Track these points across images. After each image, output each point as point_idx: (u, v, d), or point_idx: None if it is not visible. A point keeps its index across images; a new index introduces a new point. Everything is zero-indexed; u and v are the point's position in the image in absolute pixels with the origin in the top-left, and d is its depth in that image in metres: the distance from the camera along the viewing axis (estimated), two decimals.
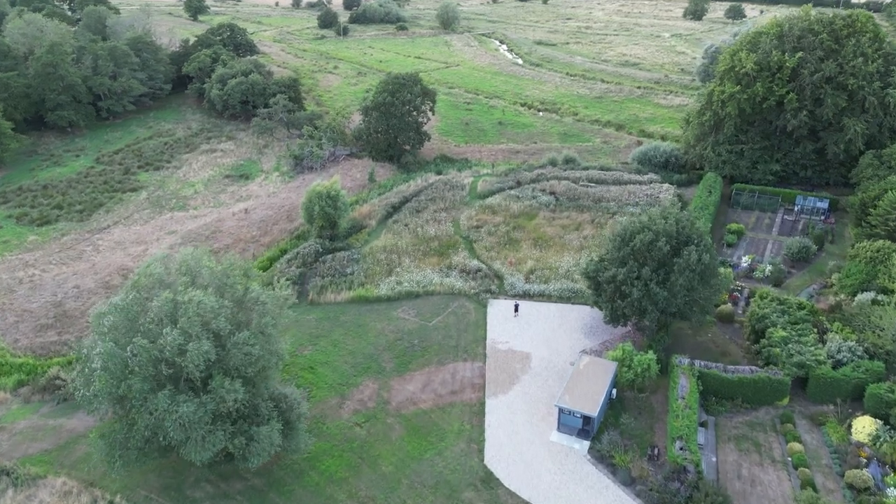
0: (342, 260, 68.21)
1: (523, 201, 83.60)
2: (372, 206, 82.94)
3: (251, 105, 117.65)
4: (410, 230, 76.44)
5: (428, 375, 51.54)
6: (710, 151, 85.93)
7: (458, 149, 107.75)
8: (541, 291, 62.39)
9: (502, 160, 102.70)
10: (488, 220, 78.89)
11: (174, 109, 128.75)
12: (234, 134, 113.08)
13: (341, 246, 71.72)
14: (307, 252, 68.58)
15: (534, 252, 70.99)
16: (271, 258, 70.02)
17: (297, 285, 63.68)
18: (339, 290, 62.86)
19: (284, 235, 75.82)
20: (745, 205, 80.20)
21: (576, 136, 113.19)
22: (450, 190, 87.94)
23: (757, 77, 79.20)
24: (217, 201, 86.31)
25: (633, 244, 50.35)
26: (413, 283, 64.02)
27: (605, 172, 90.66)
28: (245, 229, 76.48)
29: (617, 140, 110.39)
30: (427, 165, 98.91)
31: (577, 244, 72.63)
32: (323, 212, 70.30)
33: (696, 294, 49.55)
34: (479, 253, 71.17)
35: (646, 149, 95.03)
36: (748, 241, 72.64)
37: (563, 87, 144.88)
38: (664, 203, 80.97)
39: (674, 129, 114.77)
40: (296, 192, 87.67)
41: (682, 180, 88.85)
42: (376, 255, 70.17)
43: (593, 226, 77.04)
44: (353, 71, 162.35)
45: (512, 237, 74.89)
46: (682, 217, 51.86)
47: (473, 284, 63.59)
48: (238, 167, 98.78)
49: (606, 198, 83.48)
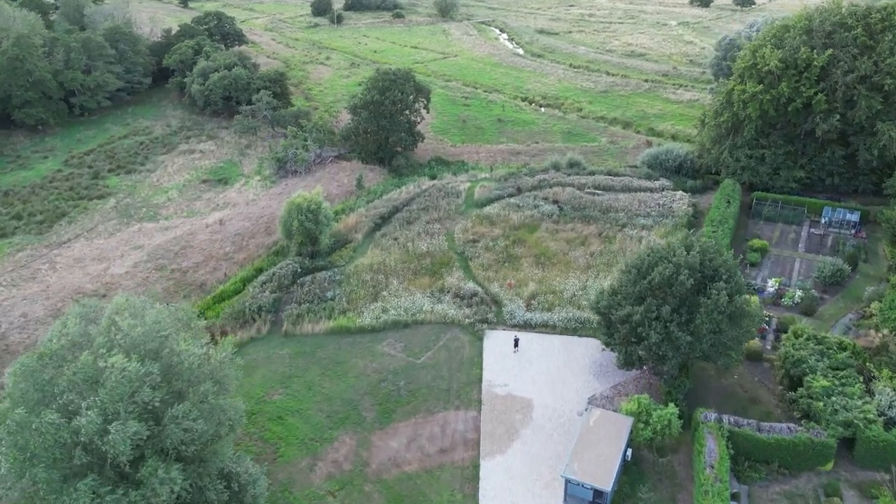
0: (322, 282, 61.34)
1: (524, 211, 76.62)
2: (359, 216, 75.94)
3: (234, 101, 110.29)
4: (400, 245, 69.53)
5: (414, 428, 44.86)
6: (728, 156, 78.84)
7: (455, 149, 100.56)
8: (543, 321, 55.60)
9: (501, 162, 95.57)
10: (486, 233, 71.95)
11: (154, 105, 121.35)
12: (216, 132, 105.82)
13: (322, 265, 64.84)
14: (284, 273, 61.70)
15: (535, 272, 64.14)
16: (245, 279, 63.16)
17: (271, 314, 56.87)
18: (317, 320, 56.04)
19: (261, 251, 68.95)
20: (768, 216, 73.18)
21: (580, 135, 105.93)
22: (444, 197, 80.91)
23: (782, 76, 71.90)
24: (191, 210, 79.31)
25: (651, 278, 43.48)
26: (401, 310, 57.23)
27: (613, 178, 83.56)
28: (218, 244, 69.59)
29: (624, 139, 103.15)
30: (420, 169, 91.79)
31: (584, 262, 65.74)
32: (302, 227, 63.38)
33: (723, 336, 42.80)
34: (476, 272, 64.31)
35: (656, 151, 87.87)
36: (772, 259, 65.72)
37: (567, 80, 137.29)
38: (678, 214, 74.05)
39: (685, 126, 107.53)
40: (277, 200, 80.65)
41: (696, 187, 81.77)
42: (361, 276, 63.30)
43: (601, 240, 70.10)
44: (346, 62, 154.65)
45: (511, 253, 68.00)
46: (708, 246, 44.93)
47: (468, 312, 56.79)
48: (217, 170, 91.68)
49: (615, 207, 76.44)
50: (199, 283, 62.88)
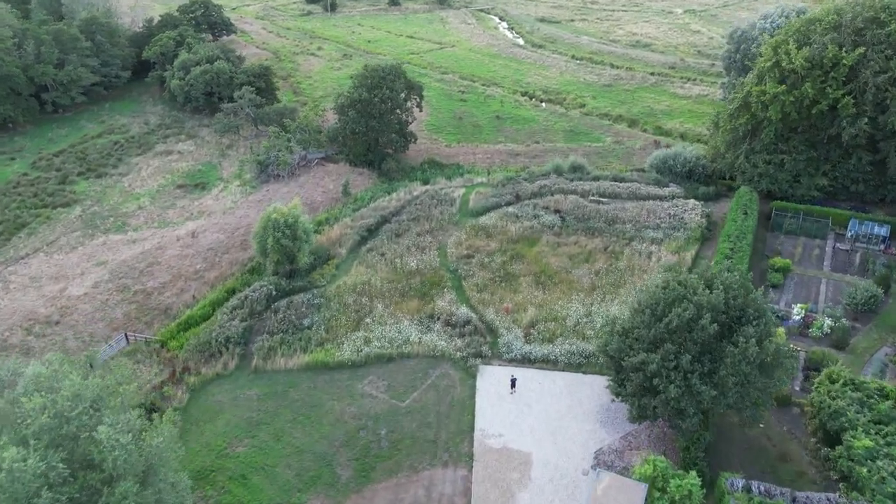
0: (300, 307, 55.47)
1: (523, 221, 70.59)
2: (344, 227, 69.91)
3: (217, 97, 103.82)
4: (387, 261, 63.63)
5: (395, 490, 39.23)
6: (745, 161, 72.69)
7: (450, 150, 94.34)
8: (544, 356, 49.81)
9: (499, 164, 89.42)
10: (481, 247, 66.03)
11: (133, 100, 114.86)
12: (196, 131, 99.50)
13: (300, 286, 58.95)
14: (257, 297, 55.81)
15: (535, 294, 58.31)
16: (215, 302, 57.30)
17: (241, 346, 51.07)
18: (291, 353, 50.27)
19: (235, 268, 63.08)
20: (789, 229, 67.17)
21: (583, 134, 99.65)
22: (437, 205, 74.84)
23: (807, 76, 65.60)
24: (162, 220, 73.29)
25: (668, 321, 37.65)
26: (385, 341, 51.45)
27: (619, 184, 77.40)
28: (188, 260, 63.67)
29: (630, 139, 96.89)
30: (412, 172, 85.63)
31: (588, 282, 59.89)
32: (278, 245, 57.44)
33: (751, 387, 37.09)
34: (469, 294, 58.46)
35: (665, 154, 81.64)
36: (795, 280, 59.81)
37: (569, 73, 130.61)
38: (690, 226, 68.05)
39: (694, 125, 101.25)
40: (255, 208, 74.64)
41: (708, 194, 75.69)
42: (343, 298, 57.44)
43: (606, 256, 64.17)
44: (338, 53, 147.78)
45: (509, 271, 62.10)
46: (732, 282, 39.03)
47: (460, 344, 50.99)
48: (194, 174, 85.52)
49: (621, 218, 70.41)
50: (163, 306, 57.08)
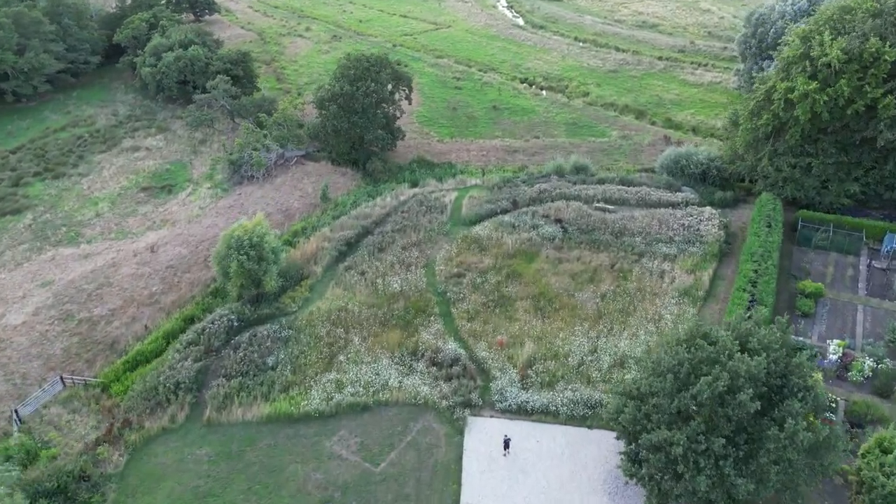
0: (264, 341, 48.59)
1: (520, 232, 63.47)
2: (321, 239, 62.78)
3: (191, 85, 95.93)
4: (368, 282, 56.65)
5: None
6: (767, 164, 65.37)
7: (442, 146, 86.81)
8: (543, 405, 43.04)
9: (495, 163, 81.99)
10: (473, 264, 59.02)
11: (104, 87, 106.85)
12: (168, 124, 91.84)
13: (268, 314, 52.03)
14: (215, 329, 48.88)
15: (534, 322, 51.46)
16: (170, 333, 50.37)
17: (193, 393, 44.30)
18: (251, 402, 43.53)
19: (196, 290, 56.14)
20: (820, 245, 60.06)
21: (587, 128, 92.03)
22: (426, 213, 67.64)
23: (843, 71, 58.03)
24: (120, 230, 66.13)
25: (697, 391, 30.82)
26: (360, 385, 44.72)
27: (627, 189, 70.06)
28: (144, 281, 56.67)
29: (638, 133, 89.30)
30: (400, 172, 78.22)
31: (593, 308, 52.99)
32: (242, 269, 50.41)
33: (796, 474, 30.43)
34: (459, 324, 51.57)
35: (677, 154, 74.15)
36: (828, 306, 52.89)
37: (571, 57, 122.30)
38: (707, 239, 60.96)
39: (706, 117, 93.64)
40: (225, 216, 67.47)
41: (725, 200, 68.42)
42: (315, 329, 50.58)
43: (613, 275, 57.18)
44: (327, 34, 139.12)
45: (504, 293, 55.17)
46: (772, 340, 32.14)
47: (446, 390, 44.23)
48: (161, 174, 78.13)
49: (630, 229, 63.27)
50: (110, 339, 50.25)
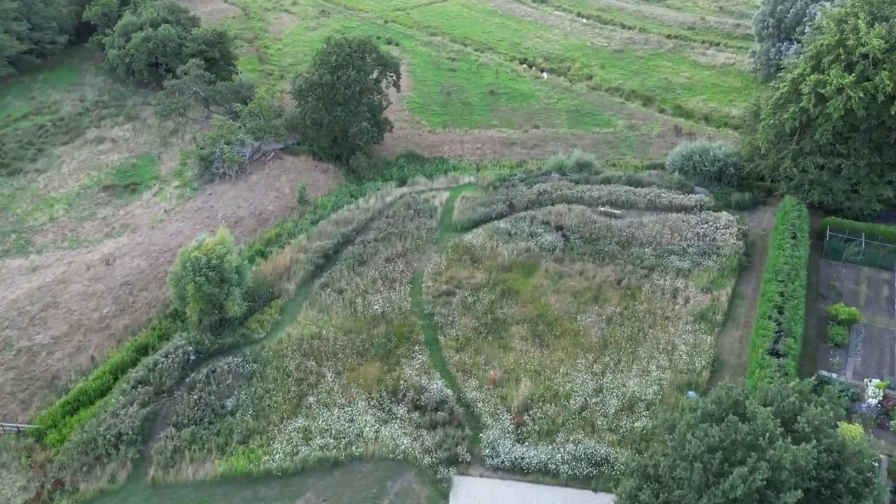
0: (224, 378, 42.73)
1: (517, 241, 57.28)
2: (296, 249, 56.57)
3: (164, 68, 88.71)
4: (346, 302, 50.64)
5: None
6: (791, 165, 58.96)
7: (434, 137, 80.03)
8: (541, 462, 37.28)
9: (491, 157, 75.42)
10: (465, 280, 52.98)
11: (73, 69, 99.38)
12: (138, 111, 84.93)
13: (231, 343, 46.10)
14: (168, 365, 42.97)
15: (530, 352, 45.61)
16: (119, 367, 44.42)
17: (136, 446, 38.53)
18: (204, 456, 37.85)
19: (154, 312, 50.13)
20: (851, 258, 53.93)
21: (591, 116, 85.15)
22: (414, 217, 61.36)
23: (883, 62, 51.28)
24: (75, 237, 59.91)
25: (729, 486, 25.01)
26: (331, 436, 39.00)
27: (635, 190, 63.58)
28: (95, 301, 50.63)
29: (646, 123, 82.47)
30: (387, 169, 71.71)
31: (598, 334, 47.10)
32: (200, 292, 44.36)
33: None
34: (447, 354, 45.69)
35: (689, 150, 67.51)
36: (863, 334, 46.95)
37: (574, 35, 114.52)
38: (724, 250, 54.81)
39: (720, 103, 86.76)
40: (192, 221, 61.20)
41: (743, 202, 62.11)
42: (284, 363, 44.72)
43: (620, 293, 51.19)
44: (315, 9, 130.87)
45: (498, 316, 49.21)
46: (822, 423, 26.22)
47: (430, 442, 38.52)
48: (126, 170, 71.61)
49: (638, 238, 57.08)
50: (50, 374, 44.38)
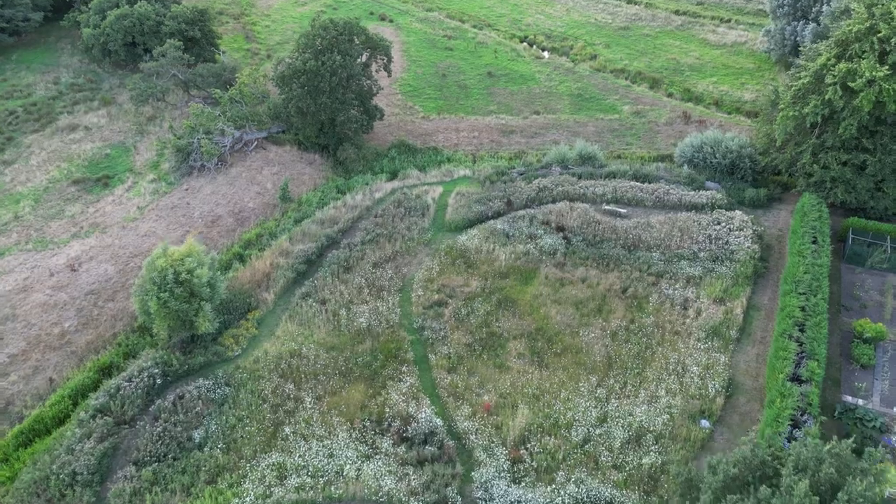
0: (193, 404, 39.02)
1: (515, 243, 53.23)
2: (277, 253, 52.52)
3: (142, 48, 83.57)
4: (329, 314, 46.77)
5: None
6: (811, 160, 54.66)
7: (428, 124, 75.37)
8: None
9: (488, 147, 70.91)
10: (458, 288, 49.08)
11: (48, 49, 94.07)
12: (114, 95, 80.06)
13: (202, 362, 42.33)
14: (132, 391, 39.20)
15: (529, 372, 41.89)
16: (80, 390, 40.62)
17: (92, 488, 34.90)
18: (167, 499, 34.20)
19: (121, 325, 46.25)
20: (877, 265, 49.87)
21: (594, 101, 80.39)
22: (405, 216, 57.24)
23: None
24: (41, 238, 55.73)
25: None
26: (308, 473, 35.38)
27: (642, 186, 59.30)
28: (57, 313, 46.72)
29: (653, 109, 77.76)
30: (378, 160, 67.29)
31: (602, 352, 43.33)
32: (166, 308, 40.45)
33: None
34: (437, 376, 41.97)
35: (700, 141, 63.08)
36: (890, 353, 43.10)
37: (577, 10, 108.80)
38: (738, 255, 50.76)
39: (731, 86, 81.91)
40: (166, 220, 57.06)
41: (758, 199, 57.87)
42: (260, 385, 41.01)
43: (626, 303, 47.32)
44: None
45: (493, 330, 45.40)
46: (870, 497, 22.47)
47: (416, 482, 34.91)
48: (99, 161, 67.17)
49: (645, 241, 53.02)
50: (4, 398, 40.62)
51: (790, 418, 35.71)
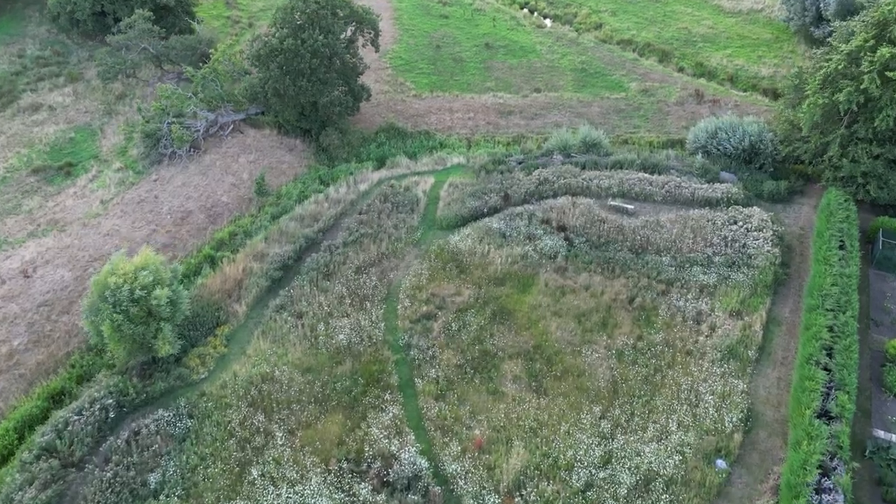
0: (149, 442, 34.93)
1: (513, 246, 48.57)
2: (250, 256, 47.87)
3: (112, 17, 77.32)
4: (305, 329, 42.41)
5: None
6: (839, 152, 49.65)
7: (419, 103, 69.80)
8: None
9: (484, 130, 65.60)
10: (449, 297, 44.66)
11: (14, 17, 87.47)
12: (82, 70, 74.25)
13: (163, 389, 38.14)
14: (81, 427, 35.02)
15: (526, 399, 37.75)
16: (26, 422, 36.27)
17: None
18: None
19: (76, 342, 41.93)
20: None
21: (599, 76, 74.64)
22: (392, 212, 52.45)
23: None
24: None
25: None
26: None
27: (651, 178, 54.29)
28: (6, 328, 42.26)
29: (663, 86, 72.09)
30: (364, 146, 62.13)
31: (606, 376, 39.14)
32: (119, 332, 36.10)
33: None
34: (424, 405, 37.79)
35: (715, 126, 57.88)
36: None
37: None
38: (756, 261, 46.15)
39: (747, 60, 76.09)
40: (131, 218, 52.25)
41: (777, 193, 52.99)
42: (227, 416, 36.88)
43: (633, 316, 42.97)
44: None
45: (487, 348, 41.13)
46: None
47: None
48: (62, 147, 61.97)
49: (655, 242, 48.33)
50: None
51: (818, 464, 31.75)
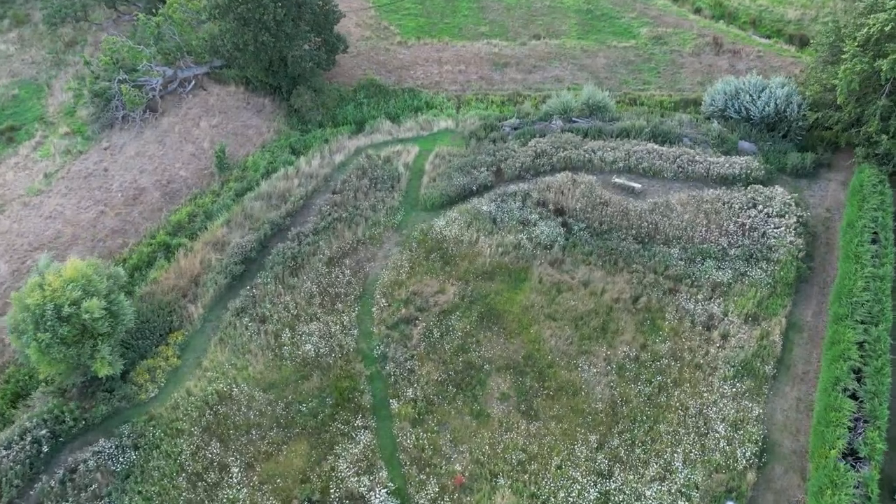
0: (87, 481, 30.87)
1: (504, 232, 43.30)
2: (209, 246, 42.68)
3: None
4: (269, 336, 37.76)
5: None
6: (878, 126, 43.59)
7: (405, 52, 62.56)
8: None
9: (476, 85, 58.79)
10: (431, 295, 39.85)
11: None
12: (29, 11, 66.52)
13: (105, 412, 33.83)
14: (9, 466, 30.77)
15: (514, 424, 33.58)
16: None
17: None
18: None
19: (10, 354, 37.32)
20: None
21: (606, 20, 66.91)
22: (370, 189, 46.85)
23: None
24: None
25: None
26: None
27: (661, 150, 48.11)
28: None
29: (677, 32, 64.55)
30: (342, 105, 55.59)
31: (605, 395, 34.85)
32: (49, 354, 31.46)
33: None
34: (400, 432, 33.61)
35: (735, 87, 51.27)
36: None
37: None
38: (777, 254, 41.01)
39: (772, 1, 68.05)
40: (77, 196, 46.57)
41: (803, 167, 47.21)
42: (177, 446, 32.76)
43: (637, 320, 38.31)
44: None
45: (472, 360, 36.67)
46: None
47: None
48: (4, 106, 55.46)
49: (663, 230, 43.01)
50: None
51: None
